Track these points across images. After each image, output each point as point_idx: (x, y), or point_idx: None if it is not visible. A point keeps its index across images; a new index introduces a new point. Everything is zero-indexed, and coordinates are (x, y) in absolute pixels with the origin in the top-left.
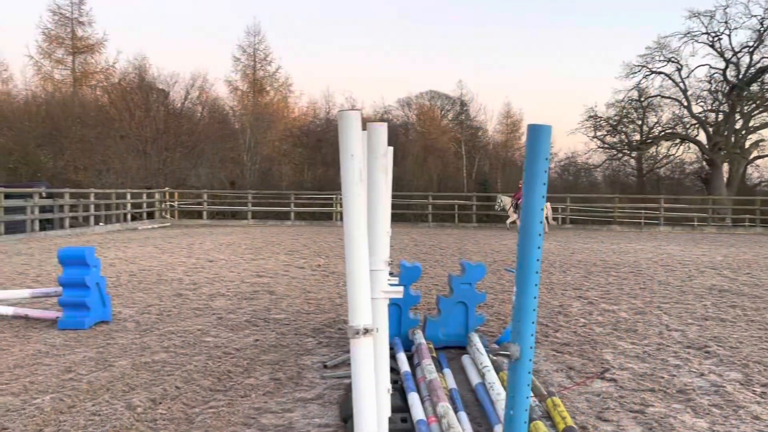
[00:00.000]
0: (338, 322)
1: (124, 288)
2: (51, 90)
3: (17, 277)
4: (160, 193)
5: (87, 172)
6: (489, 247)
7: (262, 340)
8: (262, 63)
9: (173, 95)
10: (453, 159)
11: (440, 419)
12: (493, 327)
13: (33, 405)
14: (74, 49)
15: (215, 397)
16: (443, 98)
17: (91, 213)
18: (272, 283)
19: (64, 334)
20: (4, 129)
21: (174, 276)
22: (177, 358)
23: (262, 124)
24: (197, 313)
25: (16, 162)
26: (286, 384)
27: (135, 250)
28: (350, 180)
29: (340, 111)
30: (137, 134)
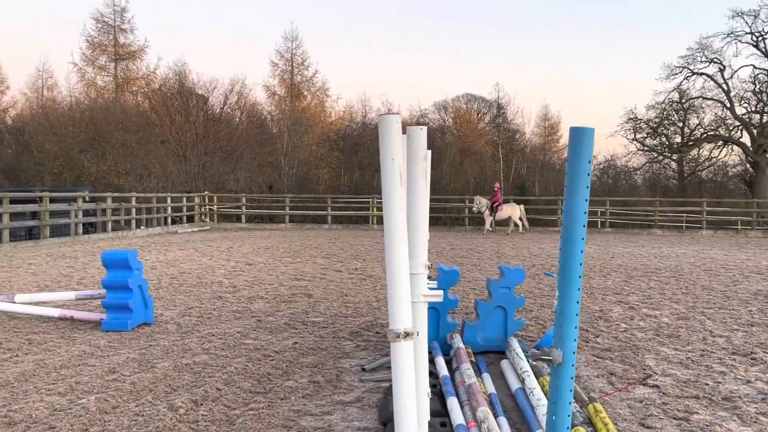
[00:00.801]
0: (376, 325)
1: (165, 290)
2: (94, 96)
3: (62, 280)
4: (199, 197)
5: (129, 176)
6: (527, 251)
7: (300, 342)
8: (300, 68)
9: (212, 100)
10: (490, 162)
11: (480, 424)
12: (532, 332)
13: (79, 405)
14: (116, 55)
15: (255, 399)
16: (480, 101)
17: (133, 216)
18: (310, 286)
19: (108, 336)
20: (49, 135)
21: (214, 279)
22: (217, 360)
23: (300, 128)
24: (237, 315)
25: (60, 167)
26: (325, 387)
27: (175, 253)
28: (391, 183)
29: (381, 115)
30: (177, 139)
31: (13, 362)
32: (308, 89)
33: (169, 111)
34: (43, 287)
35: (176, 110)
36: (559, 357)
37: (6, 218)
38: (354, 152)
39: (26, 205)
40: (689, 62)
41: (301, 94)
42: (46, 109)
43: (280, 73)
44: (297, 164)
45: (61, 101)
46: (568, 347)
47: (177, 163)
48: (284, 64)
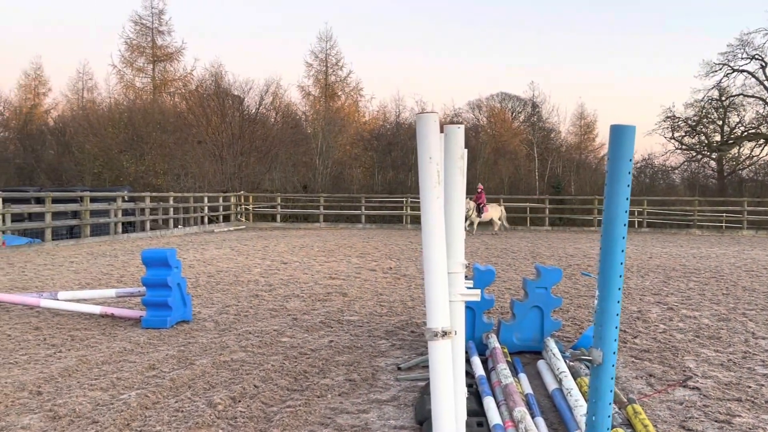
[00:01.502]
0: (411, 324)
1: (202, 289)
2: (133, 97)
3: (103, 278)
4: (235, 197)
5: (166, 176)
6: (563, 250)
7: (336, 341)
8: (334, 68)
9: (248, 101)
10: (524, 161)
11: (517, 424)
12: (569, 332)
13: (120, 400)
14: (154, 57)
15: (292, 396)
16: (514, 100)
17: (170, 216)
18: (345, 285)
19: (148, 333)
20: (89, 135)
21: (250, 277)
22: (255, 358)
23: (334, 128)
24: (273, 313)
25: (100, 167)
26: (361, 385)
27: (212, 252)
28: (429, 182)
29: (419, 113)
30: (214, 139)
31: (56, 358)
32: (342, 89)
33: (205, 111)
34: (84, 285)
35: (212, 111)
36: (600, 357)
37: (48, 217)
38: (388, 152)
39: (68, 205)
40: (729, 59)
41: (335, 94)
42: (87, 110)
43: (315, 73)
44: (331, 164)
45: (101, 102)
46: (609, 347)
47: (213, 163)
48: (318, 65)
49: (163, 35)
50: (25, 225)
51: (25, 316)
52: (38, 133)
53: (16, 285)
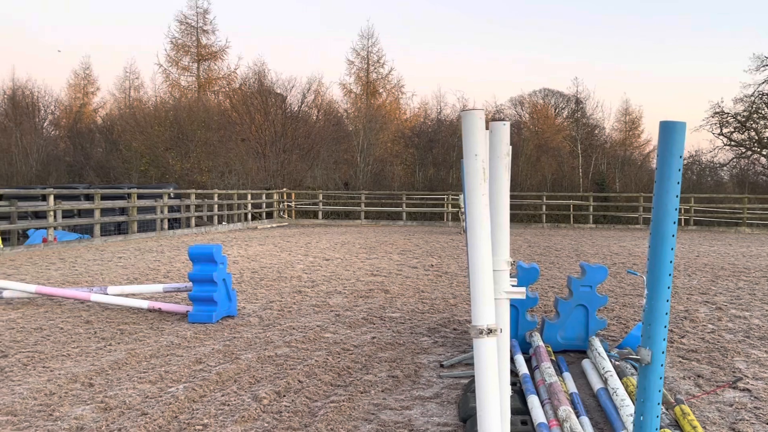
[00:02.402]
0: (453, 322)
1: (247, 284)
2: (178, 96)
3: (150, 273)
4: (278, 194)
5: (211, 173)
6: (608, 248)
7: (378, 337)
8: (375, 65)
9: (290, 99)
10: (568, 158)
11: (562, 423)
12: (614, 331)
13: (168, 393)
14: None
15: (336, 391)
16: (557, 96)
17: (215, 212)
18: (386, 282)
19: (194, 327)
20: (136, 134)
21: (293, 273)
22: (298, 353)
23: (375, 125)
24: (316, 309)
25: (147, 164)
26: (404, 382)
27: (256, 248)
28: (474, 179)
29: (464, 110)
30: (257, 137)
31: (107, 351)
32: (383, 87)
33: (248, 110)
34: (132, 280)
35: (256, 109)
36: (648, 357)
37: (97, 214)
38: (429, 149)
39: (116, 202)
40: None
41: (376, 91)
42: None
43: (356, 71)
44: (372, 161)
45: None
46: (657, 347)
47: (256, 160)
48: (360, 62)
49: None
50: (75, 221)
51: (76, 310)
52: (87, 131)
53: (67, 279)
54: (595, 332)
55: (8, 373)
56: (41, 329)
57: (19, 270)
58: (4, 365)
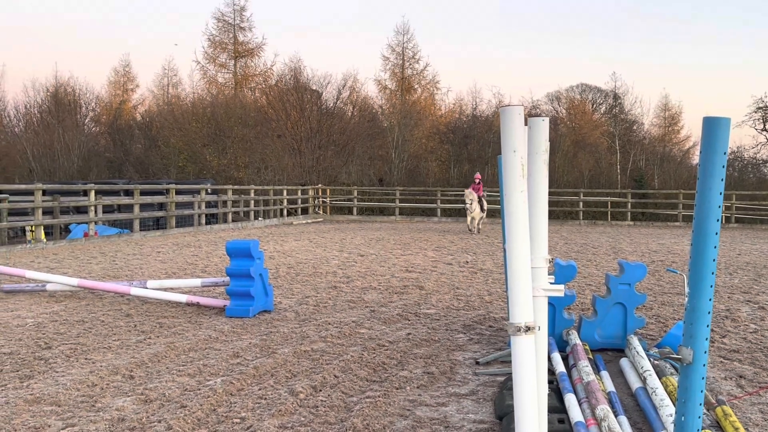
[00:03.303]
0: (488, 319)
1: (283, 279)
2: (215, 92)
3: (188, 267)
4: (313, 190)
5: (247, 169)
6: (646, 246)
7: (414, 334)
8: (411, 61)
9: (326, 95)
10: (605, 154)
11: (600, 422)
12: (653, 330)
13: (207, 386)
14: (236, 53)
15: (371, 387)
16: (595, 91)
17: (251, 208)
18: (421, 278)
19: (231, 322)
20: (174, 130)
21: (328, 269)
22: (334, 348)
23: (410, 121)
24: (351, 305)
25: (185, 160)
26: (439, 378)
27: (291, 243)
28: (513, 175)
29: (503, 106)
30: (292, 133)
31: (146, 344)
32: (419, 82)
33: (284, 106)
34: (171, 274)
35: (291, 105)
36: (690, 356)
37: (137, 209)
38: (464, 145)
39: (154, 197)
40: None
41: (411, 87)
42: (172, 105)
43: (391, 67)
44: (407, 157)
45: (185, 98)
46: (700, 346)
47: (292, 156)
48: (395, 58)
49: (244, 31)
50: (115, 216)
51: (116, 303)
52: (127, 127)
53: (107, 273)
54: (634, 331)
55: (52, 364)
56: (83, 322)
57: (62, 264)
58: (49, 356)
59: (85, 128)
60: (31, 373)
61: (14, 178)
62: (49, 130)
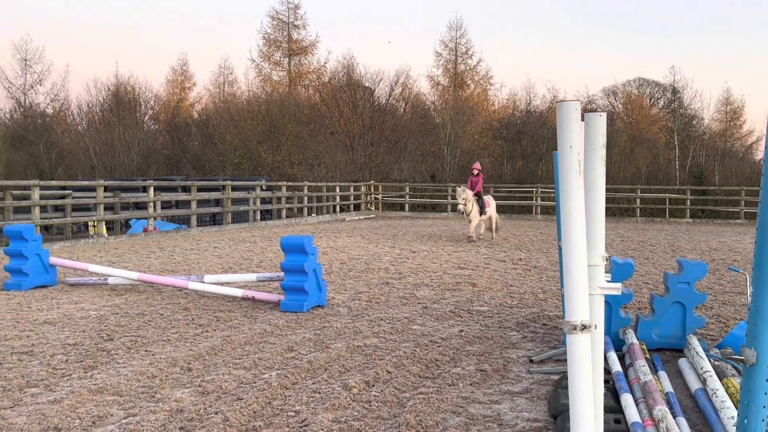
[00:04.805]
0: (542, 317)
1: (336, 275)
2: (270, 90)
3: (243, 262)
4: (365, 186)
5: (301, 166)
6: (706, 244)
7: (466, 331)
8: (463, 57)
9: (378, 92)
10: (663, 150)
11: (657, 423)
12: (713, 330)
13: (262, 379)
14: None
15: (424, 383)
16: (653, 85)
17: (305, 204)
18: (474, 275)
19: (286, 316)
20: (230, 127)
21: (380, 265)
22: (387, 344)
23: (462, 117)
24: (403, 301)
25: (240, 157)
26: (492, 376)
27: (344, 239)
28: (569, 172)
29: (559, 101)
30: (345, 130)
31: (204, 337)
32: (472, 78)
33: (337, 103)
34: (227, 269)
35: (344, 102)
36: (753, 357)
37: (194, 205)
38: (517, 141)
39: (211, 193)
40: None
41: (464, 83)
42: (228, 103)
43: (444, 62)
44: (459, 153)
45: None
46: (764, 347)
47: (345, 153)
48: (448, 54)
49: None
50: (173, 212)
51: (175, 297)
52: (184, 125)
53: (166, 268)
54: (693, 330)
55: (114, 355)
56: (143, 315)
57: (122, 258)
58: (110, 348)
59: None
60: (95, 363)
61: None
62: (110, 128)
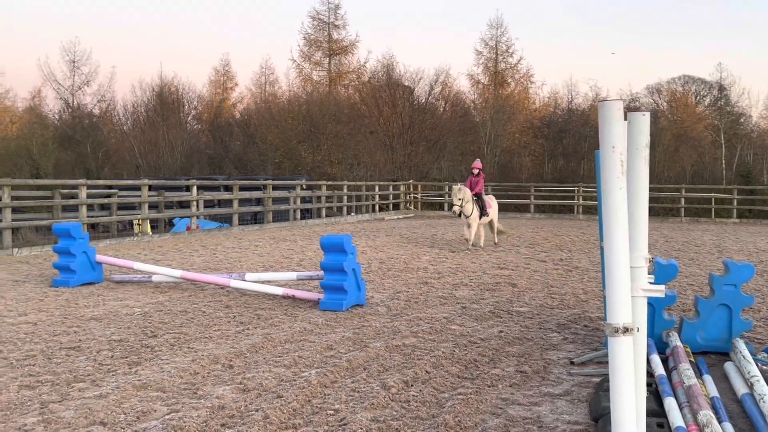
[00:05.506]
0: (584, 318)
1: (374, 274)
2: (310, 90)
3: (284, 261)
4: (404, 186)
5: (340, 165)
6: (753, 245)
7: (506, 331)
8: (504, 55)
9: (418, 91)
10: (709, 148)
11: (702, 428)
12: (760, 333)
13: (302, 378)
14: (330, 51)
15: (463, 384)
16: (698, 83)
17: (344, 204)
18: (513, 275)
19: (325, 315)
20: (271, 127)
21: (419, 265)
22: (426, 344)
23: (503, 116)
24: (442, 301)
25: (281, 157)
26: (532, 377)
27: (383, 239)
28: (611, 172)
29: (601, 101)
30: (385, 130)
31: (245, 335)
32: (512, 76)
33: (377, 102)
34: (267, 267)
35: (384, 102)
36: None
37: (236, 204)
38: (559, 139)
39: (252, 192)
40: None
41: (504, 81)
42: (269, 103)
43: (484, 61)
44: (499, 152)
45: (281, 96)
46: None
47: (384, 152)
48: (488, 52)
49: (338, 29)
50: (215, 211)
51: (217, 295)
52: (226, 125)
53: (208, 266)
54: (740, 334)
55: (157, 352)
56: (186, 312)
57: (166, 256)
58: (154, 345)
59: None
60: (139, 360)
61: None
62: (155, 128)
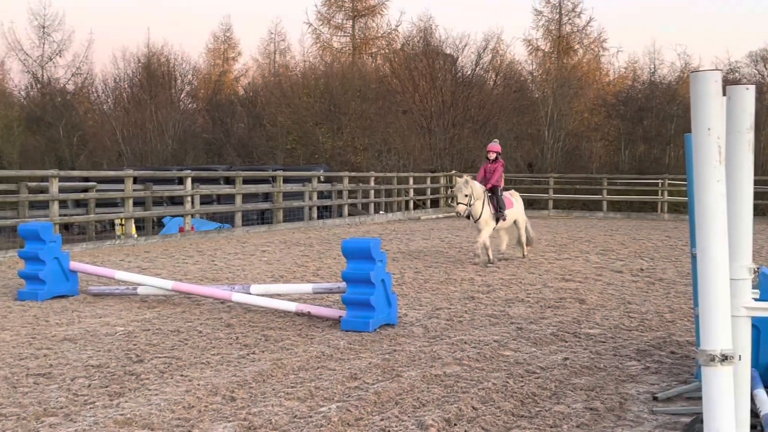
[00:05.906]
0: (670, 343)
1: (409, 287)
2: (330, 60)
3: (297, 270)
4: (445, 177)
5: (366, 152)
6: None
7: (572, 359)
8: (570, 15)
9: (462, 61)
10: None
11: None
12: None
13: (320, 413)
14: (354, 12)
15: (518, 423)
16: None
17: (371, 200)
18: (581, 289)
19: (348, 336)
20: (282, 106)
21: (464, 275)
22: (472, 373)
23: (568, 91)
24: (492, 320)
25: (293, 142)
26: (605, 416)
27: (419, 243)
28: (706, 160)
29: (693, 72)
30: (421, 108)
31: (250, 360)
32: (580, 42)
33: (412, 75)
34: (277, 278)
35: (420, 74)
36: None
37: (239, 200)
38: (638, 120)
39: (259, 186)
40: None
41: (570, 48)
42: (279, 76)
43: (545, 23)
44: (564, 136)
45: (295, 67)
46: None
47: (420, 136)
48: (550, 12)
49: None
50: (214, 208)
51: (216, 311)
52: (227, 103)
53: (206, 275)
54: None
55: (144, 380)
56: (178, 332)
57: (154, 263)
58: (140, 371)
59: (181, 105)
60: (122, 390)
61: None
62: (141, 108)
